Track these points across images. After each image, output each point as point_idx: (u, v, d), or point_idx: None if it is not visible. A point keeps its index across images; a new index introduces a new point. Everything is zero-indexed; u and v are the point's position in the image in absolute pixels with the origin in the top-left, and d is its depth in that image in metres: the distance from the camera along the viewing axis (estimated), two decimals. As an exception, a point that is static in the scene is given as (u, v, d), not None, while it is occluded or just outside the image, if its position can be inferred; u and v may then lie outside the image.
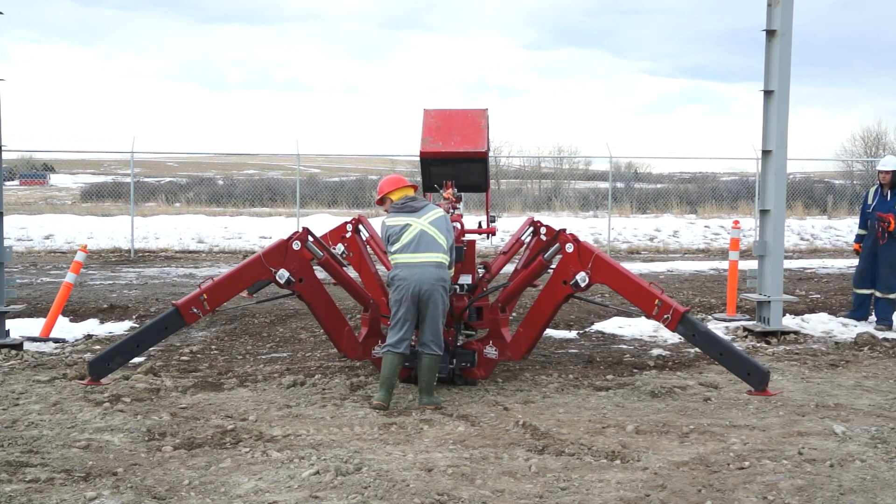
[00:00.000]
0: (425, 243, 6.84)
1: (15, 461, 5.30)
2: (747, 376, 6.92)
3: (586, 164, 49.01)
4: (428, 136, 8.76)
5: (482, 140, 8.59)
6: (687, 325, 6.95)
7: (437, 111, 9.00)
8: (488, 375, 7.67)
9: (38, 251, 21.06)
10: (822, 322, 10.82)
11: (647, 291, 7.04)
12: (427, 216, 6.97)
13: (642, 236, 25.19)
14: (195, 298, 7.26)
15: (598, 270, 7.11)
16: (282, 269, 7.20)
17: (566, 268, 7.19)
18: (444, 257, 6.88)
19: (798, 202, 31.91)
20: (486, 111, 8.89)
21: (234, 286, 7.42)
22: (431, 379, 6.90)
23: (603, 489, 4.90)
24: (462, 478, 5.07)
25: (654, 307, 6.99)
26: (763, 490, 4.88)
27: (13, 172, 61.88)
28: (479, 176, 8.90)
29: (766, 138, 10.26)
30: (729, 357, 6.94)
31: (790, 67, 10.03)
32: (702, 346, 7.07)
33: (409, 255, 6.83)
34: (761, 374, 6.92)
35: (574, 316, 11.55)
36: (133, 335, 7.48)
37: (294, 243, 7.31)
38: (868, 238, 10.81)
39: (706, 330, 7.12)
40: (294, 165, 22.32)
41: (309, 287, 7.38)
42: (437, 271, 6.81)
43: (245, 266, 7.43)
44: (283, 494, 4.80)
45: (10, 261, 9.35)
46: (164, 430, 6.12)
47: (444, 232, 6.95)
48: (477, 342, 7.66)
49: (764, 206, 10.38)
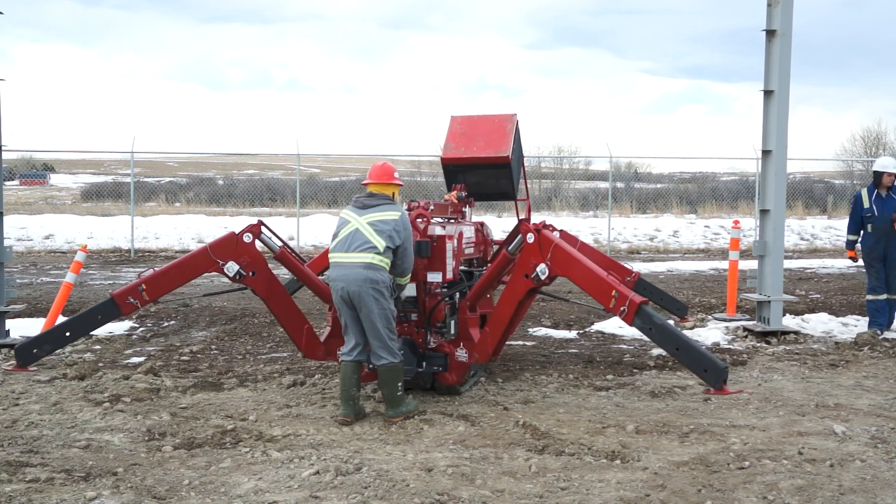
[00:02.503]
0: (357, 243, 6.40)
1: (15, 461, 5.30)
2: (704, 373, 6.31)
3: (586, 164, 49.00)
4: (451, 141, 8.47)
5: (505, 145, 8.24)
6: (643, 317, 6.34)
7: (463, 117, 8.69)
8: (461, 381, 7.18)
9: (38, 251, 21.06)
10: (823, 322, 10.82)
11: (605, 282, 6.50)
12: (371, 215, 6.48)
13: (642, 236, 25.19)
14: (133, 288, 7.13)
15: (556, 261, 6.61)
16: (230, 262, 7.05)
17: (527, 260, 6.73)
18: (376, 258, 6.35)
19: (798, 202, 31.94)
20: (515, 116, 8.54)
21: (177, 278, 7.27)
22: (392, 390, 6.44)
23: (603, 489, 4.90)
24: (462, 478, 5.07)
25: (612, 299, 6.44)
26: (763, 490, 4.88)
27: (13, 172, 61.87)
28: (505, 182, 8.44)
29: (766, 138, 10.26)
30: (686, 352, 6.32)
31: (790, 67, 10.04)
32: (658, 341, 6.53)
33: (341, 255, 6.45)
34: (718, 371, 6.26)
35: (574, 316, 11.55)
36: (64, 322, 7.29)
37: (245, 236, 7.12)
38: (871, 242, 10.20)
39: (663, 323, 6.45)
40: (294, 165, 22.32)
41: (262, 281, 7.15)
42: (366, 272, 6.31)
43: (190, 257, 7.28)
44: (284, 494, 4.80)
45: (10, 261, 9.36)
46: (164, 430, 6.12)
47: (383, 233, 6.39)
48: (449, 344, 7.13)
49: (764, 205, 10.37)
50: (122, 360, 8.68)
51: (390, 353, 6.42)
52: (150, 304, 11.81)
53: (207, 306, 11.67)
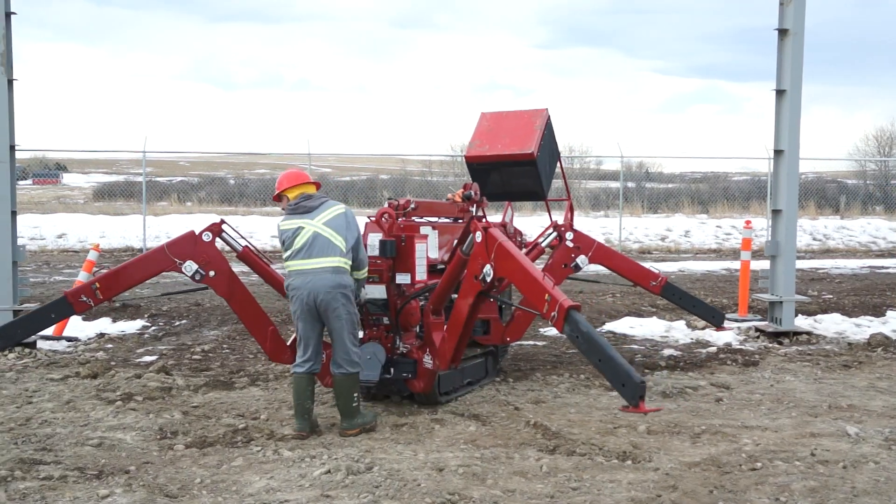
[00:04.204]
0: (319, 247, 6.07)
1: (29, 459, 5.33)
2: (622, 388, 5.45)
3: (597, 163, 48.79)
4: (476, 139, 8.11)
5: (530, 141, 7.82)
6: (572, 323, 5.59)
7: (493, 114, 8.32)
8: (429, 389, 6.76)
9: (50, 250, 21.17)
10: (835, 323, 10.76)
11: (539, 284, 5.80)
12: (322, 216, 6.17)
13: (654, 236, 25.11)
14: (86, 287, 7.03)
15: (499, 261, 6.06)
16: (189, 262, 6.92)
17: (476, 261, 6.22)
18: (342, 261, 6.10)
19: (810, 202, 31.75)
20: (546, 111, 8.12)
21: (132, 277, 7.14)
22: (347, 401, 6.11)
23: (614, 489, 4.89)
24: (473, 477, 5.07)
25: (545, 303, 5.73)
26: (775, 491, 4.86)
27: (26, 172, 62.23)
28: (532, 182, 7.99)
29: (779, 138, 10.22)
30: (607, 365, 5.50)
31: (802, 67, 9.99)
32: (583, 350, 5.68)
33: (302, 262, 6.09)
34: (633, 387, 5.35)
35: (585, 316, 11.53)
36: (17, 320, 7.19)
37: (205, 234, 7.00)
38: None
39: (589, 331, 5.62)
40: (305, 165, 22.36)
41: (222, 281, 6.99)
42: (335, 277, 6.03)
43: (146, 256, 7.20)
44: (295, 493, 4.81)
45: (23, 260, 9.41)
46: (176, 429, 6.14)
47: (342, 232, 6.13)
48: (418, 350, 6.74)
49: (776, 205, 10.34)
50: (134, 359, 8.72)
51: (349, 362, 6.13)
52: (163, 304, 11.91)
53: (219, 305, 11.69)
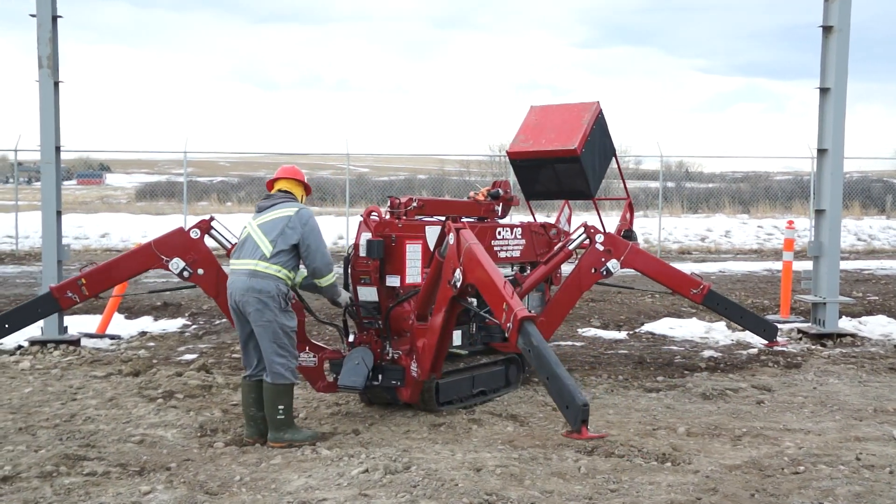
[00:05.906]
0: (247, 248, 5.91)
1: (73, 454, 5.42)
2: (565, 409, 5.17)
3: (636, 163, 48.36)
4: (521, 134, 7.73)
5: (575, 136, 7.40)
6: (524, 335, 5.28)
7: (542, 107, 7.95)
8: (415, 398, 6.46)
9: (94, 249, 21.55)
10: (881, 325, 10.55)
11: (499, 292, 5.51)
12: (263, 217, 5.98)
13: (693, 236, 24.87)
14: (72, 283, 7.02)
15: (467, 266, 5.74)
16: (176, 259, 6.91)
17: (448, 264, 5.91)
18: (260, 264, 5.78)
19: (855, 202, 31.20)
20: (596, 104, 7.66)
21: (118, 273, 7.14)
22: (272, 412, 5.78)
23: (653, 492, 4.84)
24: (511, 478, 5.05)
25: (503, 312, 5.45)
26: (819, 496, 4.77)
27: (71, 172, 63.49)
28: (577, 180, 7.55)
29: (822, 137, 10.05)
30: (553, 383, 5.19)
31: (847, 64, 9.82)
32: (535, 365, 5.35)
33: (233, 261, 6.02)
34: (576, 410, 5.03)
35: (624, 316, 11.45)
36: (3, 315, 7.17)
37: (193, 231, 6.96)
38: None
39: (540, 345, 5.26)
40: (344, 165, 22.45)
41: (210, 279, 6.91)
42: (249, 280, 5.76)
43: (133, 253, 7.19)
44: (333, 492, 4.83)
45: (68, 259, 9.57)
46: (216, 427, 6.20)
47: (271, 235, 5.84)
48: (406, 357, 6.44)
49: (819, 205, 10.17)
50: (175, 357, 8.84)
51: (272, 373, 5.79)
52: (203, 303, 12.04)
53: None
